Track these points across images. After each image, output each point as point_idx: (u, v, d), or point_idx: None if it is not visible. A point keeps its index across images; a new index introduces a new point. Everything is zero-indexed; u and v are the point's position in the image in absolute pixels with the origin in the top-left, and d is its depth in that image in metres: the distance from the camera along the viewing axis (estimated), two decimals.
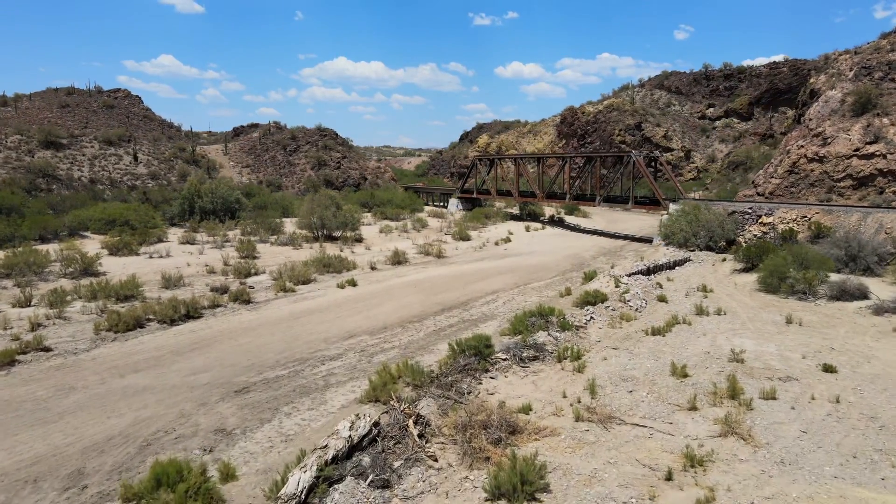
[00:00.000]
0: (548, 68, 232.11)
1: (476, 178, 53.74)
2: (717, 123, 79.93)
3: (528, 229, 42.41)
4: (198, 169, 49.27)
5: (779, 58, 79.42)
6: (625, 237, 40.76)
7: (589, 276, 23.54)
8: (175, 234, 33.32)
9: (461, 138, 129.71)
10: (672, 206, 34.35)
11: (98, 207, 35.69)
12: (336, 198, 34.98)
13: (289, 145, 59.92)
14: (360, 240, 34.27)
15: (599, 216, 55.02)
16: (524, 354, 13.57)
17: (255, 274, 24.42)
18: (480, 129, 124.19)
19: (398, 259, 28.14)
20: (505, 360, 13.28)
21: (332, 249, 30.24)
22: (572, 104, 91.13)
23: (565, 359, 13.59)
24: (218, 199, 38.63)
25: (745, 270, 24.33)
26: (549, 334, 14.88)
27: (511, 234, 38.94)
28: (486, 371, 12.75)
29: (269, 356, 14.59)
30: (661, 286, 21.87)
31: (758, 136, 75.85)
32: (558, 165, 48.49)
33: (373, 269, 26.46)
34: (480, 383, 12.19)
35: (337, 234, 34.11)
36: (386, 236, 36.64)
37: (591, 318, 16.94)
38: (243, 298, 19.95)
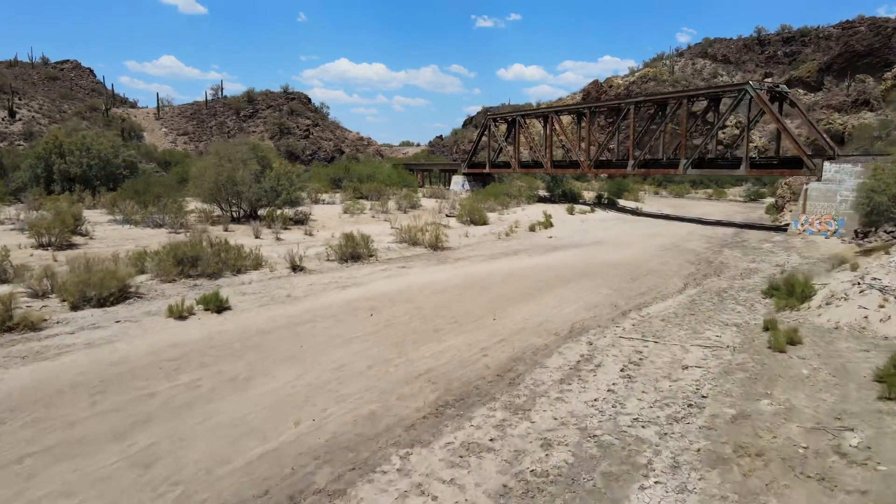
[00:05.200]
0: (549, 70, 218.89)
1: (488, 150, 39.78)
2: None
3: (571, 212, 28.38)
4: (106, 131, 35.30)
5: (852, 17, 65.35)
6: (718, 223, 26.78)
7: (804, 289, 9.58)
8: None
9: (464, 124, 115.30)
10: (828, 167, 20.38)
11: None
12: (262, 149, 20.86)
13: (244, 109, 45.89)
14: (302, 221, 20.26)
15: (654, 201, 41.09)
16: None
17: (4, 281, 10.56)
18: (486, 112, 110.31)
19: (355, 249, 14.21)
20: None
21: (245, 235, 16.38)
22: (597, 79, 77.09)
23: None
24: (94, 160, 24.68)
25: None
26: None
27: (549, 217, 24.90)
28: None
29: None
30: None
31: (831, 109, 61.77)
32: (608, 124, 34.33)
33: (295, 269, 12.52)
34: None
35: (264, 212, 20.11)
36: (351, 218, 22.61)
37: None
38: None
